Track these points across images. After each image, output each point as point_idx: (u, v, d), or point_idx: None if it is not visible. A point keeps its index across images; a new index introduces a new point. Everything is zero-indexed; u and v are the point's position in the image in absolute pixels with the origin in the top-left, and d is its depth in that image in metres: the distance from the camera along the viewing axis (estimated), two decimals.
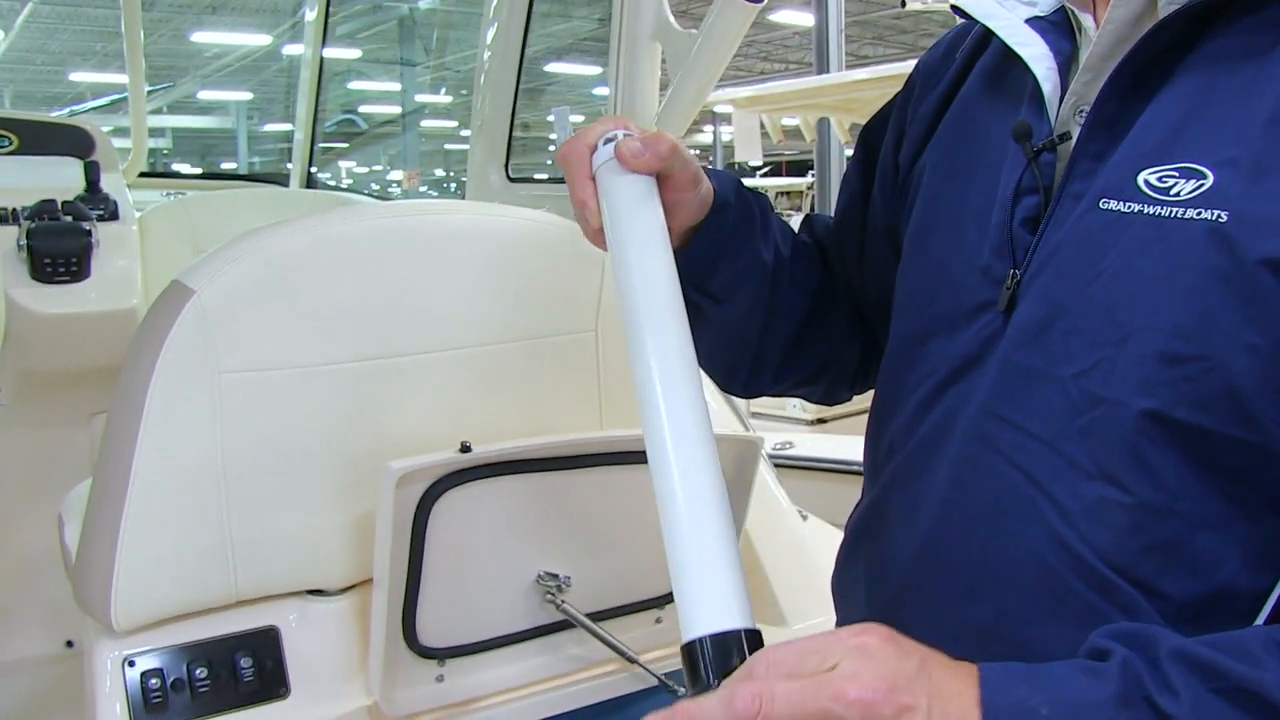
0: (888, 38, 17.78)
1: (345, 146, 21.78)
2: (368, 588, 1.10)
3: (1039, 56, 0.71)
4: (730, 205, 0.84)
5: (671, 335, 0.72)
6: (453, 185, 24.74)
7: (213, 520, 1.06)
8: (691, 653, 0.59)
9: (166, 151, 21.94)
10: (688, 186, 0.82)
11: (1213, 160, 0.60)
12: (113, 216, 2.29)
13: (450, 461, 1.03)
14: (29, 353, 2.04)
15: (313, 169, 3.57)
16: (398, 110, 19.54)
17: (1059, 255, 0.66)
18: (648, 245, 0.76)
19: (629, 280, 0.75)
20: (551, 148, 0.83)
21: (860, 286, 0.94)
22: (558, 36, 15.79)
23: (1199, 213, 0.59)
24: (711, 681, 0.57)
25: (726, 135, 17.51)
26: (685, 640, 0.60)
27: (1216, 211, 0.58)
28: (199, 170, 19.31)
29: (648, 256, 0.75)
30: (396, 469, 0.99)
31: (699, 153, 22.12)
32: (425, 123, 21.46)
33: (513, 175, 2.16)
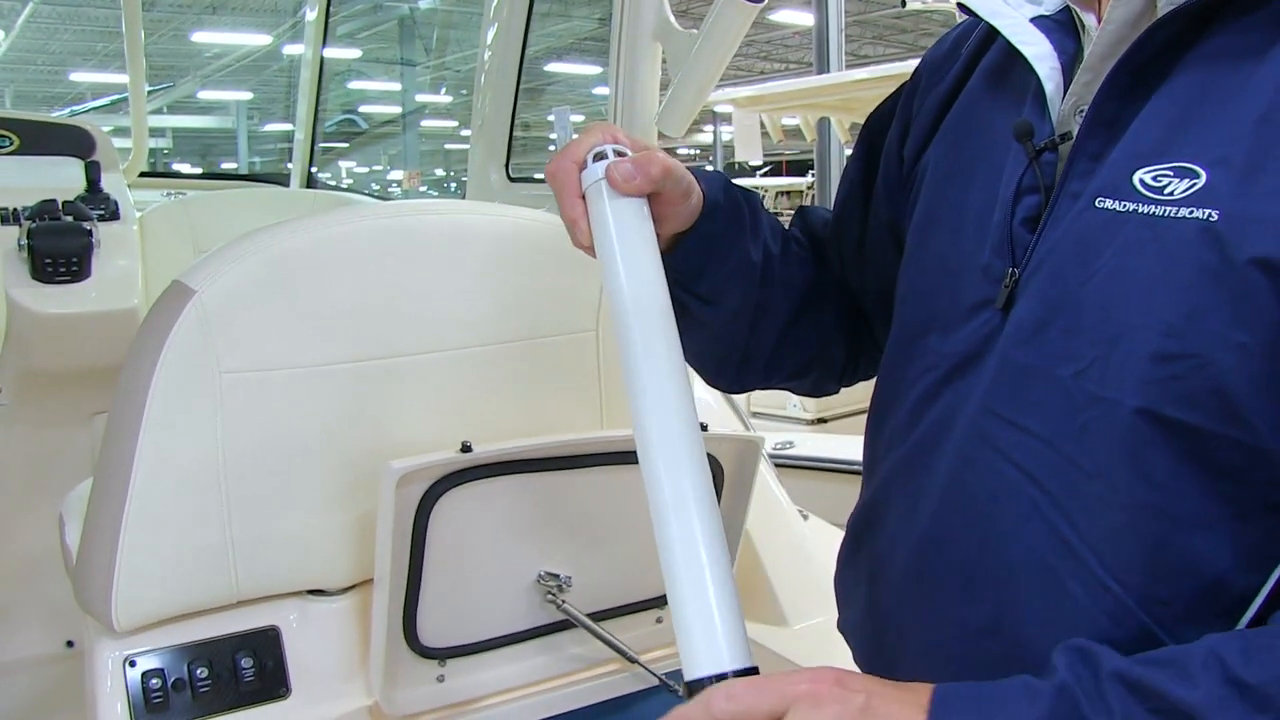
0: (888, 37, 17.78)
1: (345, 146, 21.79)
2: (368, 588, 1.10)
3: (1042, 55, 0.71)
4: (720, 207, 0.84)
5: (664, 362, 0.72)
6: (453, 185, 24.74)
7: (213, 520, 1.06)
8: (691, 692, 0.64)
9: (167, 151, 21.94)
10: (678, 200, 0.81)
11: (1206, 159, 0.60)
12: (113, 216, 2.29)
13: (451, 461, 1.03)
14: (30, 353, 2.04)
15: (313, 169, 3.57)
16: (398, 110, 19.55)
17: (1056, 254, 0.66)
18: (639, 273, 0.75)
19: (621, 306, 0.74)
20: (552, 147, 0.82)
21: (860, 281, 0.94)
22: (558, 36, 15.79)
23: (1191, 212, 0.59)
24: None
25: (726, 135, 17.50)
26: (686, 680, 0.64)
27: (1208, 210, 0.58)
28: (199, 170, 19.31)
29: (640, 285, 0.74)
30: (397, 469, 0.99)
31: (699, 153, 22.10)
32: (425, 122, 21.47)
33: (513, 175, 2.16)
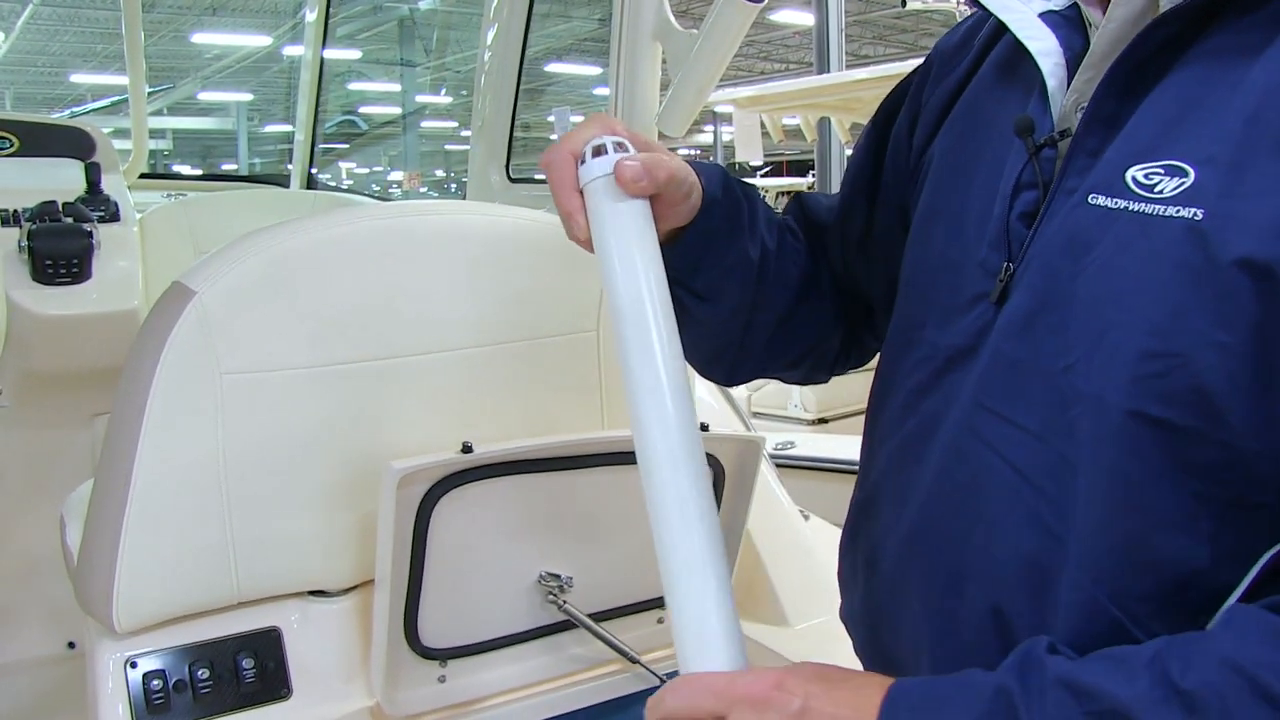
0: (888, 37, 17.78)
1: (346, 147, 21.79)
2: (369, 588, 1.10)
3: (1047, 51, 0.71)
4: (718, 203, 0.83)
5: (664, 364, 0.72)
6: (453, 186, 24.74)
7: (214, 521, 1.06)
8: None
9: (167, 153, 21.94)
10: (678, 201, 0.81)
11: (1196, 158, 0.60)
12: (114, 218, 2.29)
13: (452, 462, 1.03)
14: (30, 354, 2.04)
15: (313, 170, 3.57)
16: (398, 111, 19.55)
17: (1048, 249, 0.66)
18: (640, 274, 0.74)
19: (620, 306, 0.74)
20: None
21: (865, 270, 0.93)
22: (558, 37, 15.80)
23: (1178, 211, 0.59)
24: None
25: (727, 135, 17.50)
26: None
27: (1194, 210, 0.58)
28: (200, 171, 19.32)
29: (640, 287, 0.73)
30: (398, 469, 0.99)
31: (699, 152, 22.09)
32: (425, 123, 21.47)
33: (513, 175, 2.16)
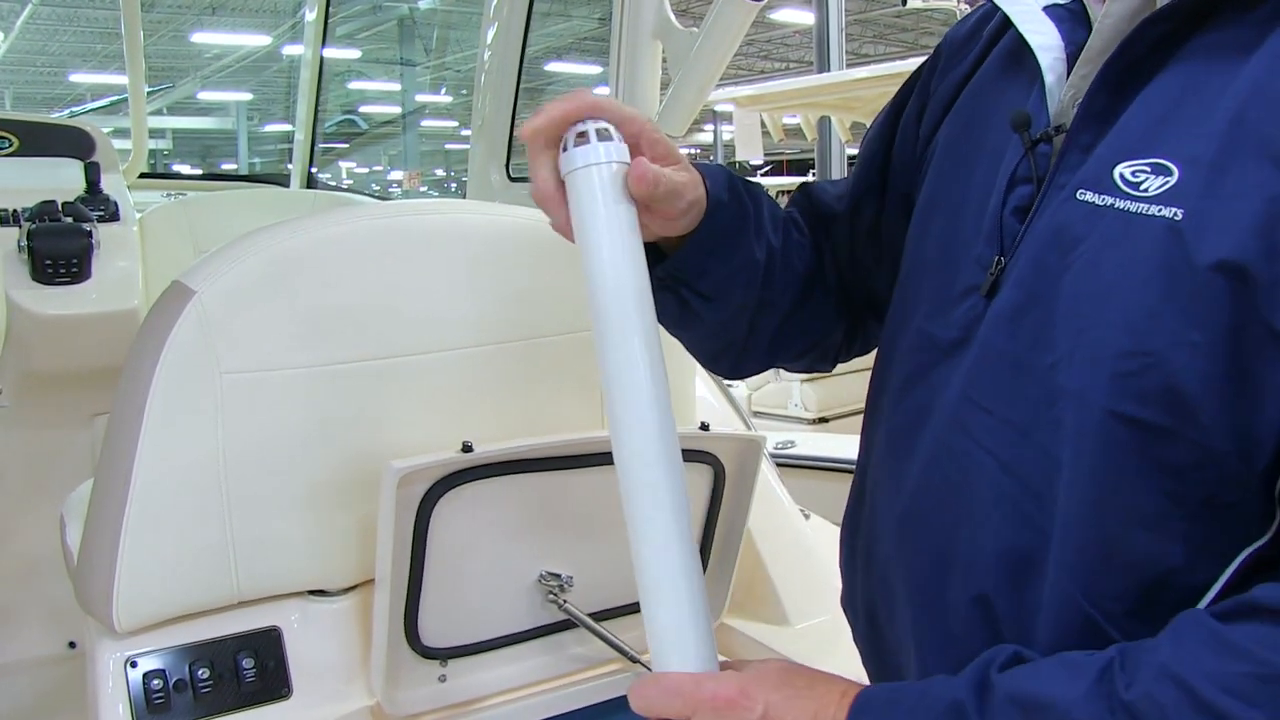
0: (889, 36, 17.77)
1: (345, 147, 21.79)
2: (369, 588, 1.10)
3: (1048, 46, 0.71)
4: (724, 205, 0.82)
5: (646, 370, 0.72)
6: (453, 185, 24.74)
7: (214, 521, 1.06)
8: None
9: (167, 153, 21.95)
10: (676, 215, 0.80)
11: (1181, 157, 0.60)
12: (113, 217, 2.29)
13: (452, 461, 1.03)
14: (30, 354, 2.04)
15: (313, 169, 3.57)
16: (398, 110, 19.54)
17: (1037, 244, 0.66)
18: (620, 272, 0.73)
19: (601, 304, 0.73)
20: None
21: (874, 258, 0.92)
22: (558, 36, 15.80)
23: (1160, 210, 0.59)
24: None
25: (727, 134, 17.50)
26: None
27: (1174, 209, 0.59)
28: (199, 171, 19.31)
29: (619, 285, 0.73)
30: (398, 469, 0.99)
31: (700, 151, 22.09)
32: (425, 123, 21.46)
33: (513, 174, 2.15)
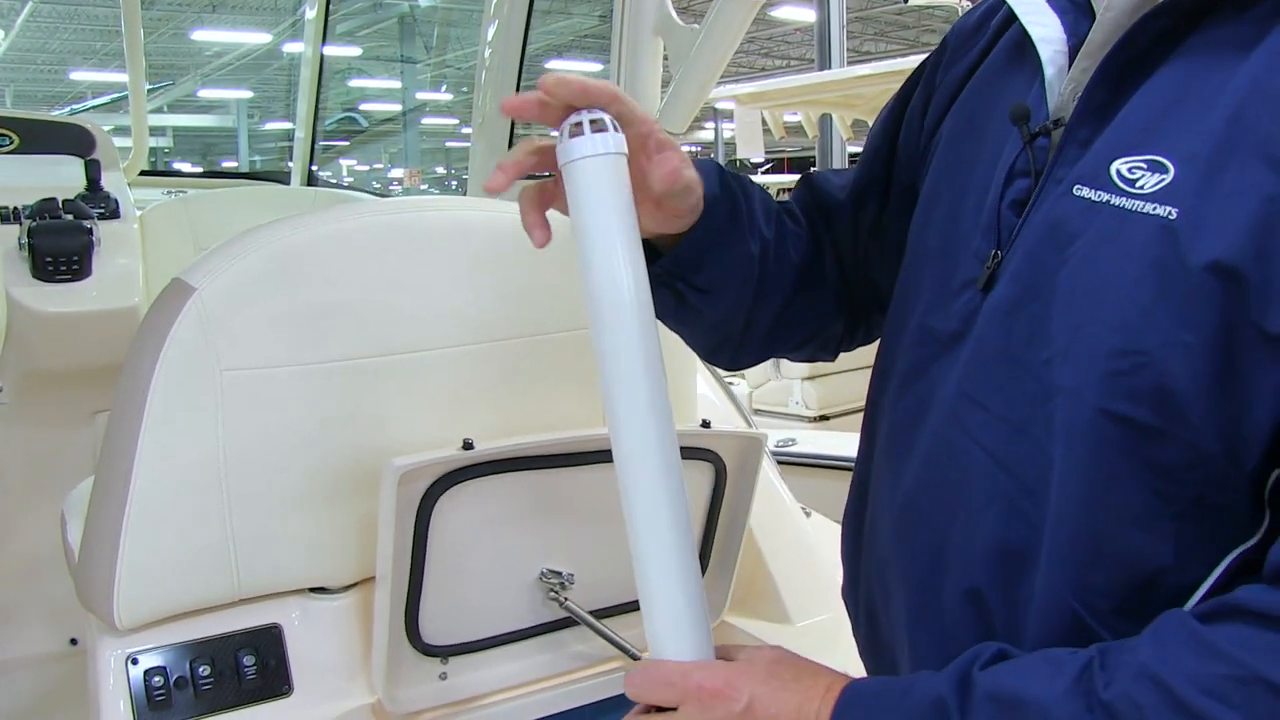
0: (890, 33, 17.75)
1: (346, 144, 21.79)
2: (370, 585, 1.10)
3: (1049, 39, 0.70)
4: (719, 200, 0.83)
5: (643, 365, 0.72)
6: (454, 183, 24.73)
7: (215, 518, 1.06)
8: None
9: (167, 150, 21.94)
10: (684, 213, 0.81)
11: (1178, 154, 0.59)
12: (114, 215, 2.29)
13: (453, 459, 1.03)
14: (31, 352, 2.04)
15: (314, 167, 3.57)
16: (398, 108, 19.53)
17: (1034, 239, 0.66)
18: (621, 269, 0.72)
19: (599, 300, 0.73)
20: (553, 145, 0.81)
21: (879, 251, 0.92)
22: (559, 33, 15.79)
23: (1155, 208, 0.59)
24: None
25: (728, 131, 17.48)
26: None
27: (1169, 208, 0.58)
28: (200, 169, 19.31)
29: (621, 283, 0.72)
30: (399, 466, 0.99)
31: (701, 149, 22.09)
32: (426, 120, 21.45)
33: None
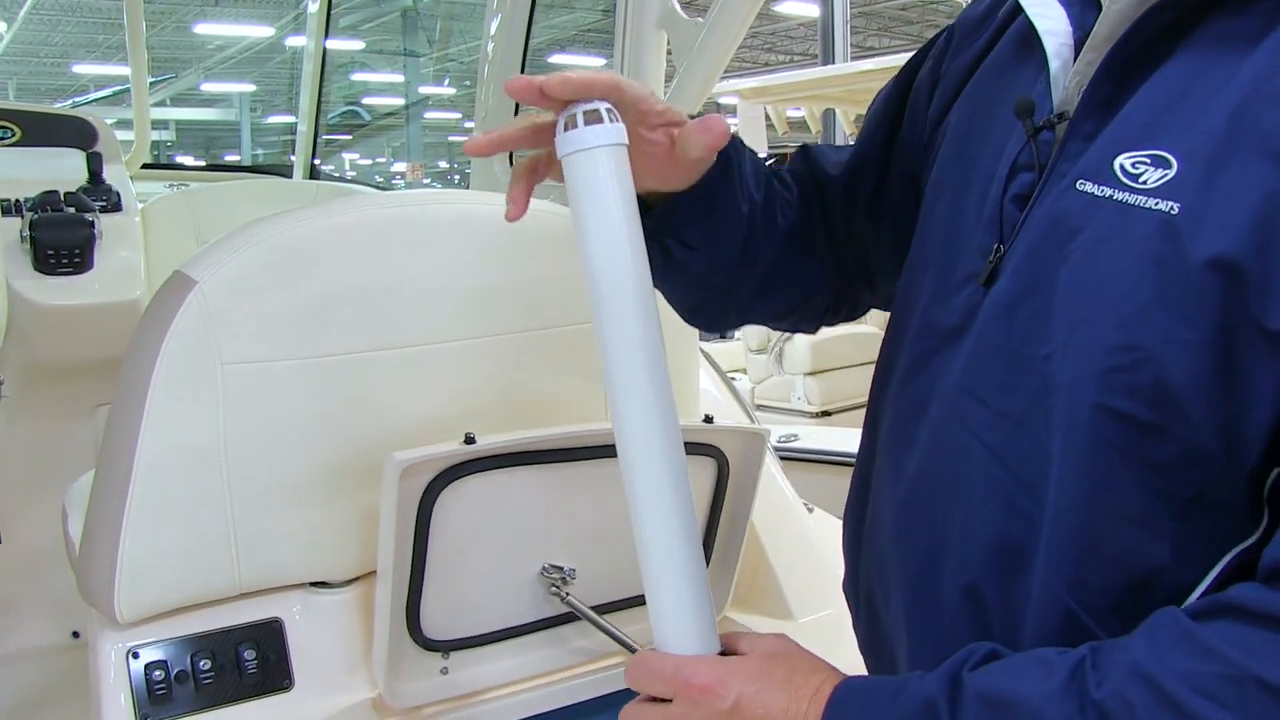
0: (893, 29, 17.73)
1: (349, 138, 21.78)
2: (371, 580, 1.10)
3: (1054, 31, 0.70)
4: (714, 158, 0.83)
5: (647, 357, 0.72)
6: (456, 177, 24.71)
7: (216, 512, 1.06)
8: None
9: (170, 144, 21.93)
10: (697, 172, 0.82)
11: (1181, 150, 0.59)
12: (115, 208, 2.29)
13: (455, 453, 1.03)
14: (32, 344, 2.04)
15: (316, 161, 3.57)
16: (401, 102, 19.52)
17: (1036, 234, 0.65)
18: (624, 258, 0.72)
19: (600, 290, 0.72)
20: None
21: (873, 231, 0.91)
22: (562, 28, 15.77)
23: (1157, 203, 0.58)
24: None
25: (731, 127, 17.45)
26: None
27: (1171, 204, 0.58)
28: (202, 162, 19.31)
29: (623, 272, 0.72)
30: (400, 460, 0.98)
31: None
32: (429, 114, 21.43)
33: None
